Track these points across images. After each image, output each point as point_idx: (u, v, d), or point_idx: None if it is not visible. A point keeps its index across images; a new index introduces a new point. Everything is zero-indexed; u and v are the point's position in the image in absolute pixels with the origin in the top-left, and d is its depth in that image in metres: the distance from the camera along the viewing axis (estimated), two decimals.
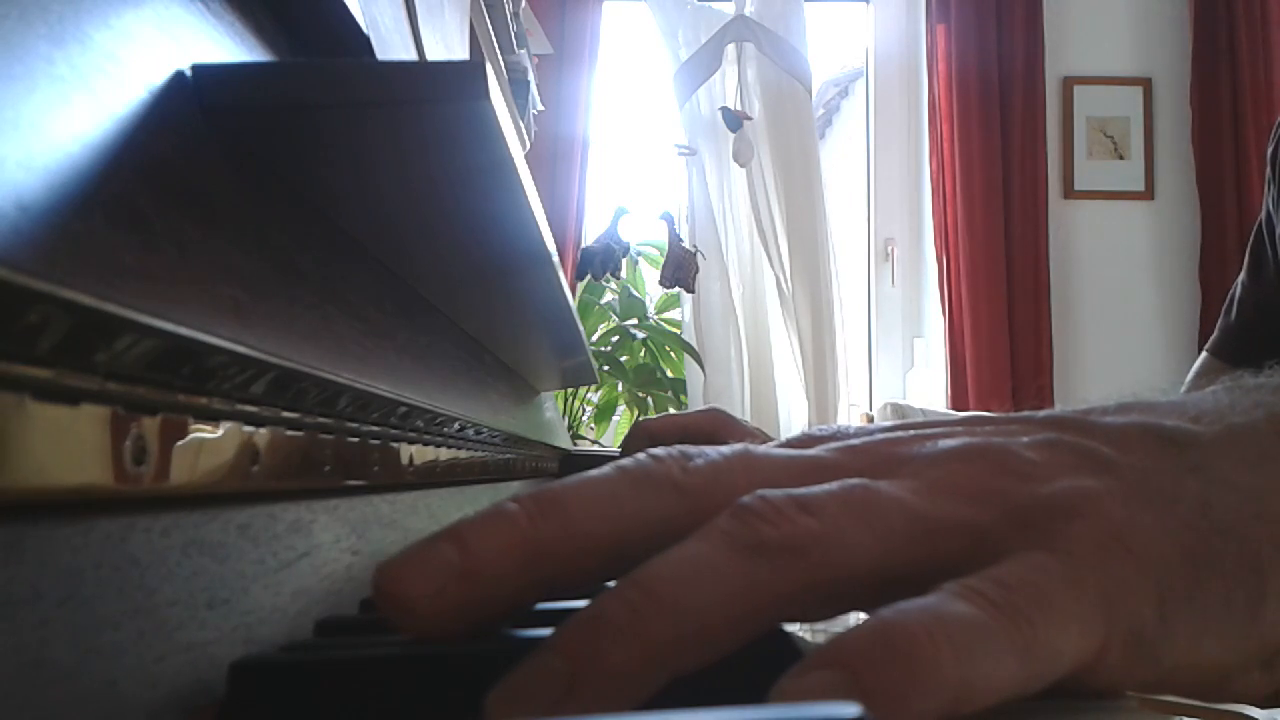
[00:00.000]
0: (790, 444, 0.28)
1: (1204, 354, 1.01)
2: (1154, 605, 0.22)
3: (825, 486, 0.23)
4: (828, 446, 0.27)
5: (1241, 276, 0.98)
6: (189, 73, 0.29)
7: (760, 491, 0.22)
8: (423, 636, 0.22)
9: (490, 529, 0.22)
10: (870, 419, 2.66)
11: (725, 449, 0.25)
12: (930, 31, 2.73)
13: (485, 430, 0.67)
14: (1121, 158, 2.76)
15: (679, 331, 2.53)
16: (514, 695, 0.20)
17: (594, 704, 0.20)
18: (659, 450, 0.25)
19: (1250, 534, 0.23)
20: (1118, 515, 0.22)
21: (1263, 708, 0.25)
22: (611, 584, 0.21)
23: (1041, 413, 0.27)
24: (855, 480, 0.23)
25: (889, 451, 0.26)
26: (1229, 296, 0.99)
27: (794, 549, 0.21)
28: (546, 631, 0.24)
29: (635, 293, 2.40)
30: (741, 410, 2.60)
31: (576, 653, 0.20)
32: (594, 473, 0.24)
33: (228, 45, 0.33)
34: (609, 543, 0.23)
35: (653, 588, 0.21)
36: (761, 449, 0.26)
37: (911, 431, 0.27)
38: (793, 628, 0.31)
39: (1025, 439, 0.25)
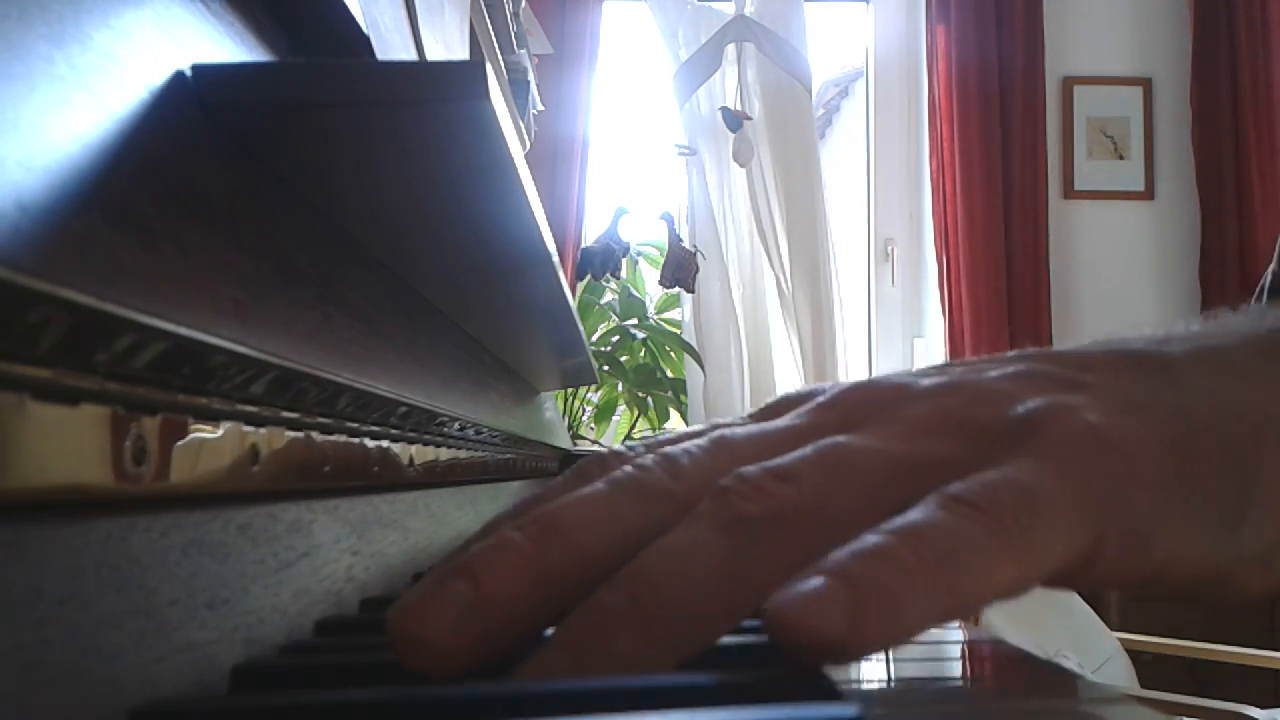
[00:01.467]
0: (766, 411, 0.28)
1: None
2: (1143, 495, 0.22)
3: (799, 452, 0.23)
4: (801, 410, 0.27)
5: (1273, 265, 0.99)
6: (189, 73, 0.29)
7: (738, 470, 0.23)
8: (443, 673, 0.22)
9: (497, 559, 0.22)
10: None
11: (701, 440, 0.25)
12: (930, 31, 2.72)
13: (485, 430, 0.67)
14: (1121, 158, 2.76)
15: (679, 331, 2.53)
16: None
17: None
18: (644, 459, 0.25)
19: (1230, 431, 0.23)
20: (1095, 420, 0.22)
21: (1250, 600, 0.25)
22: None
23: (1012, 352, 0.27)
24: (828, 440, 0.23)
25: (860, 402, 0.26)
26: (1259, 287, 1.00)
27: (776, 518, 0.22)
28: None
29: (635, 293, 2.40)
30: (742, 410, 2.60)
31: (580, 645, 0.20)
32: (588, 490, 0.24)
33: (228, 45, 0.33)
34: (612, 556, 0.23)
35: (646, 576, 0.21)
36: (738, 430, 0.26)
37: (883, 381, 0.27)
38: None
39: (996, 373, 0.25)
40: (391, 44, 0.47)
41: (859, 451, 0.23)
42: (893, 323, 2.85)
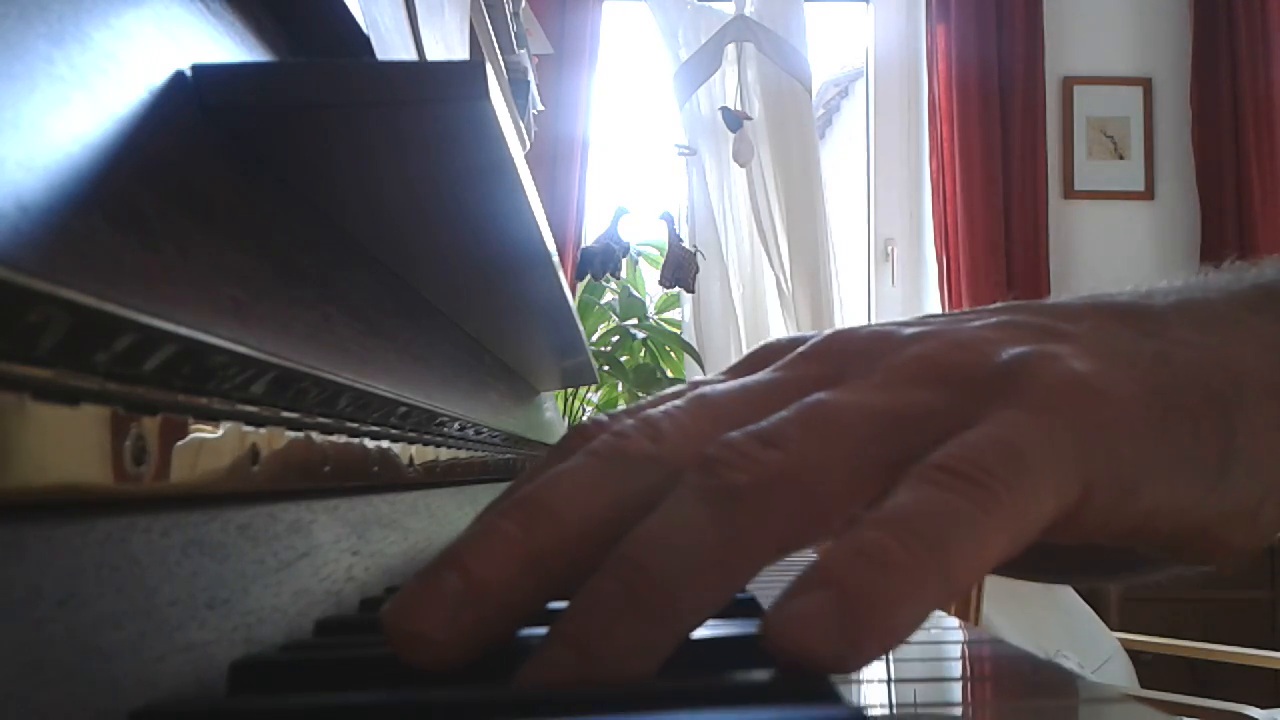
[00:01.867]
0: (747, 362, 0.28)
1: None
2: (1129, 443, 0.22)
3: (783, 413, 0.23)
4: (781, 362, 0.26)
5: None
6: (189, 73, 0.29)
7: (722, 438, 0.22)
8: (443, 666, 0.22)
9: (486, 547, 0.22)
10: None
11: (680, 401, 0.25)
12: (930, 31, 2.72)
13: (485, 430, 0.68)
14: (1121, 158, 2.76)
15: (679, 331, 2.53)
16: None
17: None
18: (624, 424, 0.24)
19: (1213, 380, 0.23)
20: (1080, 367, 0.22)
21: (1232, 557, 0.25)
22: None
23: (995, 304, 0.27)
24: (812, 398, 0.23)
25: (841, 351, 0.26)
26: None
27: (764, 485, 0.21)
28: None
29: (635, 293, 2.40)
30: None
31: (581, 638, 0.20)
32: (569, 464, 0.24)
33: (228, 45, 0.33)
34: (602, 529, 0.23)
35: (640, 559, 0.21)
36: (719, 387, 0.26)
37: (863, 330, 0.26)
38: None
39: (978, 322, 0.25)
40: (391, 44, 0.47)
41: (841, 408, 0.22)
42: None
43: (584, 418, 2.35)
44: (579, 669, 0.20)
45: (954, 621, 0.37)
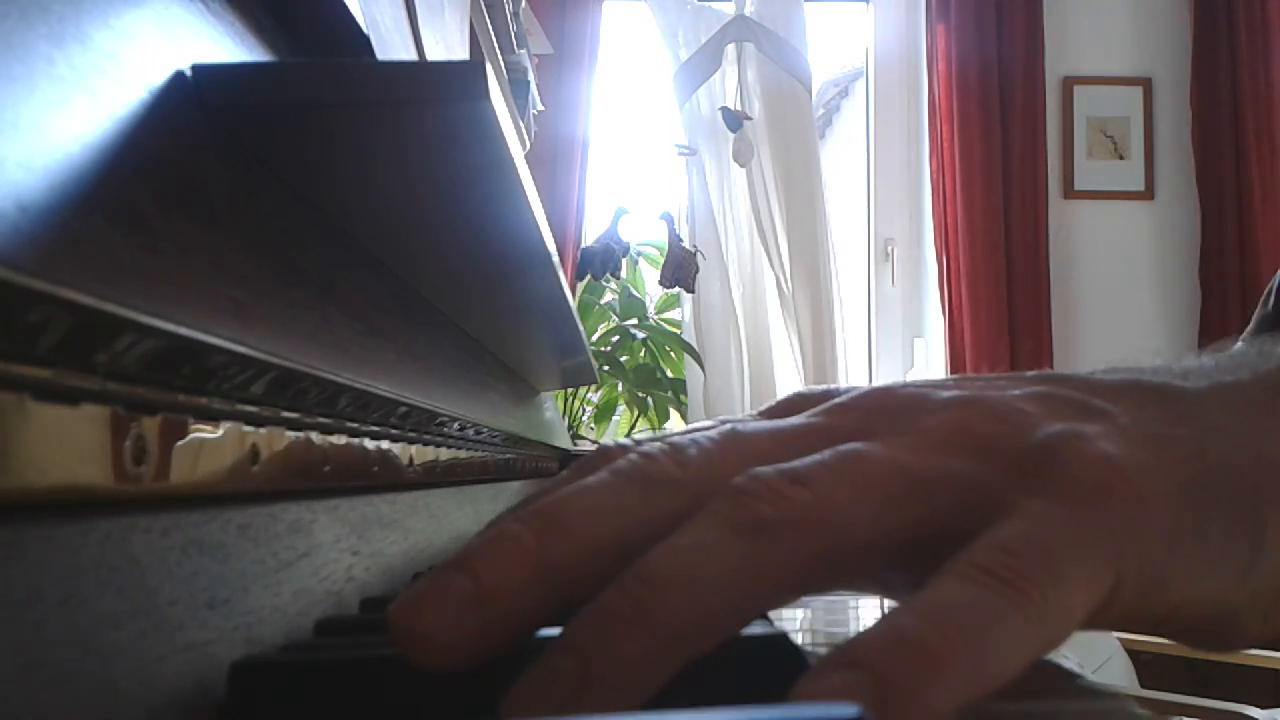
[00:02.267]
0: (781, 407, 0.28)
1: (1239, 343, 1.01)
2: (1160, 536, 0.22)
3: (816, 456, 0.23)
4: (816, 410, 0.26)
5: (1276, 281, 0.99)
6: (189, 73, 0.29)
7: (752, 470, 0.22)
8: (445, 668, 0.21)
9: (498, 553, 0.22)
10: None
11: (713, 433, 0.25)
12: (930, 31, 2.72)
13: (485, 430, 0.68)
14: (1121, 158, 2.76)
15: (679, 331, 2.53)
16: (527, 698, 0.20)
17: (607, 698, 0.20)
18: (650, 446, 0.24)
19: (1246, 472, 0.23)
20: (1114, 452, 0.22)
21: (1247, 647, 0.25)
22: None
23: (1031, 373, 0.27)
24: (847, 446, 0.23)
25: (879, 407, 0.26)
26: (1268, 289, 1.00)
27: (790, 523, 0.21)
28: (551, 631, 0.24)
29: (635, 293, 2.40)
30: (742, 410, 2.60)
31: (586, 648, 0.20)
32: (591, 480, 0.24)
33: (228, 45, 0.33)
34: (616, 547, 0.22)
35: (654, 577, 0.21)
36: (750, 425, 0.26)
37: (901, 388, 0.27)
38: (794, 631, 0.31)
39: (1016, 391, 0.25)
40: (391, 44, 0.47)
41: (876, 461, 0.22)
42: (893, 323, 2.85)
43: (584, 418, 2.35)
44: (580, 679, 0.20)
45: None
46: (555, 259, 0.59)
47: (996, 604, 0.20)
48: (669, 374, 2.43)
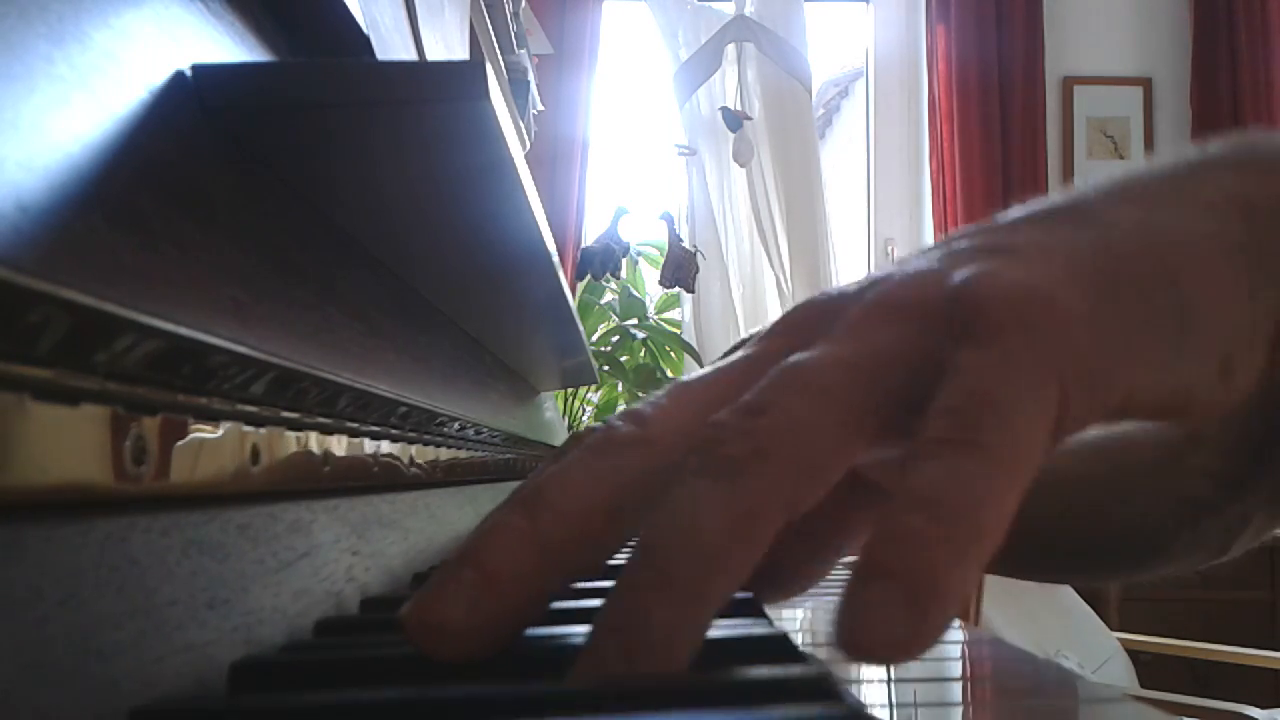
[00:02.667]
0: (726, 354, 0.29)
1: None
2: (1087, 336, 0.22)
3: (762, 382, 0.23)
4: (750, 340, 0.28)
5: None
6: (189, 73, 0.29)
7: (710, 419, 0.23)
8: (464, 658, 0.22)
9: (497, 540, 0.23)
10: None
11: (659, 393, 0.26)
12: (930, 31, 2.72)
13: (485, 430, 0.68)
14: (1121, 158, 2.76)
15: (679, 331, 2.53)
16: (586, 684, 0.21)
17: (658, 667, 0.21)
18: (610, 418, 0.26)
19: (1155, 254, 0.24)
20: (1020, 277, 0.23)
21: (1220, 414, 0.26)
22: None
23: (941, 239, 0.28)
24: (786, 362, 0.24)
25: (803, 319, 0.26)
26: None
27: (760, 452, 0.22)
28: (548, 630, 0.24)
29: (635, 293, 2.40)
30: None
31: (623, 628, 0.21)
32: (566, 459, 0.25)
33: (228, 45, 0.33)
34: (604, 512, 0.24)
35: (664, 544, 0.21)
36: (695, 373, 0.27)
37: (820, 295, 0.27)
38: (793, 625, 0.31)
39: (922, 259, 0.26)
40: (391, 44, 0.47)
41: (815, 365, 0.23)
42: None
43: (584, 418, 2.36)
44: (626, 657, 0.21)
45: (954, 621, 0.37)
46: (555, 259, 0.59)
47: (964, 465, 0.20)
48: (669, 374, 2.43)
